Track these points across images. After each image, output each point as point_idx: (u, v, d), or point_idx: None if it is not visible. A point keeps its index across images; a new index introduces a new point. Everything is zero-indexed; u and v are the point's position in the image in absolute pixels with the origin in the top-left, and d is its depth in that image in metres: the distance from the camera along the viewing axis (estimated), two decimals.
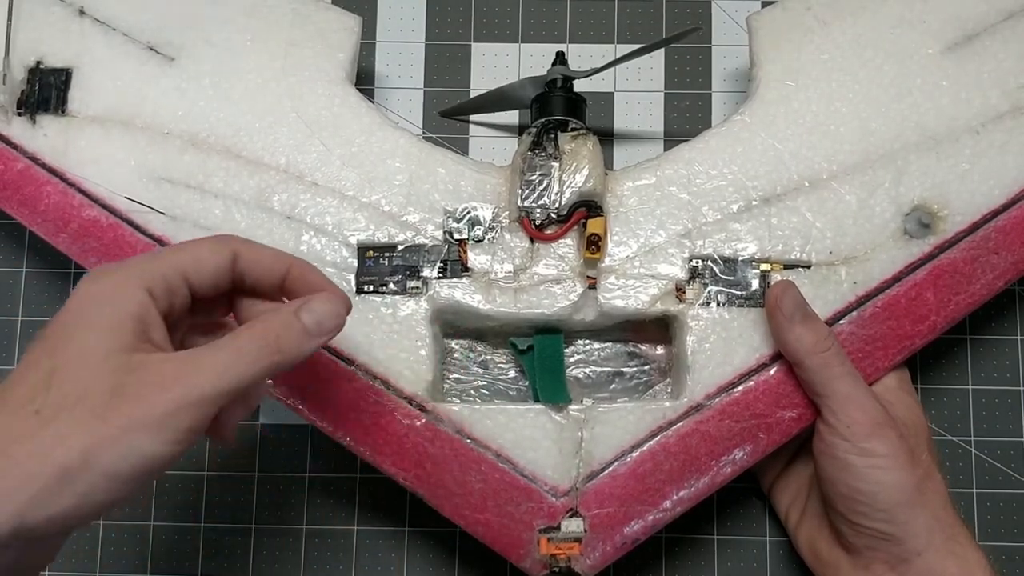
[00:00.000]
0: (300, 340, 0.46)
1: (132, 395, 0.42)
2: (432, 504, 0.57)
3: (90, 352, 0.42)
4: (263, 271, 0.48)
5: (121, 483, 0.41)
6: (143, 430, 0.41)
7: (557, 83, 0.61)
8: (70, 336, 0.43)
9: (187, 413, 0.42)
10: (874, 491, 0.53)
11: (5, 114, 0.61)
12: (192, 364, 0.43)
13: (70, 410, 0.41)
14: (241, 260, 0.48)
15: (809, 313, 0.55)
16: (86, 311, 0.44)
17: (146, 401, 0.42)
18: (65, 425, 0.41)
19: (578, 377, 0.61)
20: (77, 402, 0.41)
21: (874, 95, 0.59)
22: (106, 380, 0.42)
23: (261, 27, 0.62)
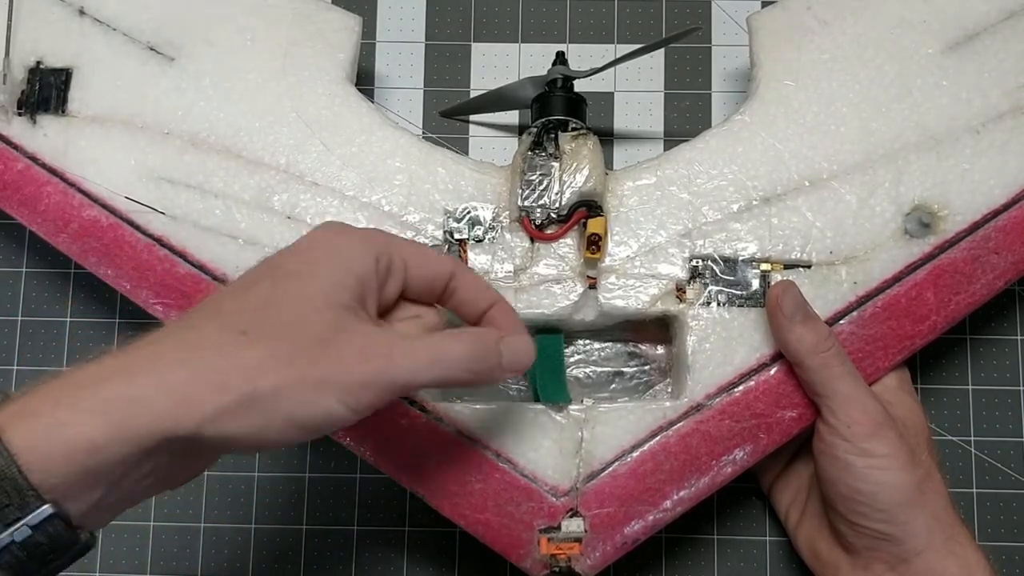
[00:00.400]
0: (494, 369, 0.47)
1: (335, 353, 0.43)
2: (432, 504, 0.57)
3: (309, 297, 0.44)
4: (470, 296, 0.49)
5: (296, 429, 0.42)
6: (334, 389, 0.42)
7: (557, 83, 0.61)
8: (293, 274, 0.44)
9: (375, 391, 0.43)
10: (874, 491, 0.53)
11: (5, 114, 0.61)
12: (396, 347, 0.44)
13: (275, 343, 0.42)
14: (456, 279, 0.49)
15: (810, 313, 0.55)
16: (315, 255, 0.45)
17: (346, 364, 0.43)
18: (268, 355, 0.42)
19: (578, 377, 0.61)
20: (284, 339, 0.42)
21: (874, 95, 0.60)
22: (316, 329, 0.43)
23: (261, 27, 0.62)
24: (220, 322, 0.43)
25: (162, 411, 0.40)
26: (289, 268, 0.45)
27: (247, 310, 0.43)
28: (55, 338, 0.68)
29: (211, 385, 0.41)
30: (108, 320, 0.68)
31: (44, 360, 0.67)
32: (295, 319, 0.43)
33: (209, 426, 0.40)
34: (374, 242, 0.46)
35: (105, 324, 0.68)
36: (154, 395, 0.40)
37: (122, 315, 0.68)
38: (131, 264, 0.59)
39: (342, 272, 0.45)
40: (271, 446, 0.43)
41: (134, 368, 0.41)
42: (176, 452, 0.41)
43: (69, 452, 0.39)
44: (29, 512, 0.39)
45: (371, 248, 0.46)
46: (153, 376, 0.40)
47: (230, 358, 0.41)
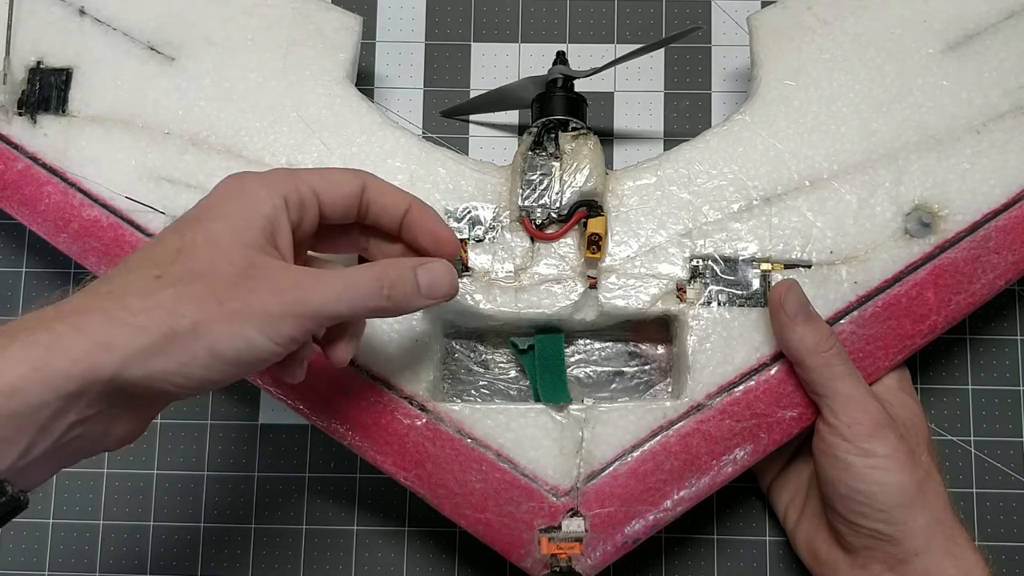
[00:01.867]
0: (412, 296, 0.49)
1: (249, 287, 0.43)
2: (433, 504, 0.57)
3: (218, 239, 0.44)
4: (386, 204, 0.50)
5: (220, 363, 0.43)
6: (252, 320, 0.43)
7: (558, 83, 0.61)
8: (201, 223, 0.45)
9: (293, 321, 0.44)
10: (874, 492, 0.53)
11: (6, 114, 0.61)
12: (309, 279, 0.45)
13: (189, 283, 0.43)
14: (368, 191, 0.50)
15: (812, 313, 0.55)
16: (220, 204, 0.46)
17: (261, 297, 0.43)
18: (183, 294, 0.42)
19: (579, 377, 0.61)
20: (197, 278, 0.43)
21: (875, 94, 0.60)
22: (228, 267, 0.44)
23: (261, 27, 0.62)
24: (133, 273, 0.44)
25: (80, 353, 0.40)
26: (194, 220, 0.46)
27: (159, 258, 0.44)
28: None
29: (129, 327, 0.41)
30: None
31: None
32: (207, 261, 0.44)
33: (132, 367, 0.41)
34: (278, 183, 0.47)
35: None
36: (71, 339, 0.40)
37: None
38: None
39: (249, 214, 0.45)
40: (200, 385, 0.43)
41: (51, 318, 0.41)
42: (104, 398, 0.42)
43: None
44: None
45: (276, 189, 0.47)
46: (70, 322, 0.41)
47: (146, 300, 0.42)
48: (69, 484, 0.66)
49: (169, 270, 0.43)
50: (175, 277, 0.43)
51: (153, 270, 0.43)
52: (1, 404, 0.39)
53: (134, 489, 0.66)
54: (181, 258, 0.44)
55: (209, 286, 0.43)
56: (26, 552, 0.66)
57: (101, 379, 0.41)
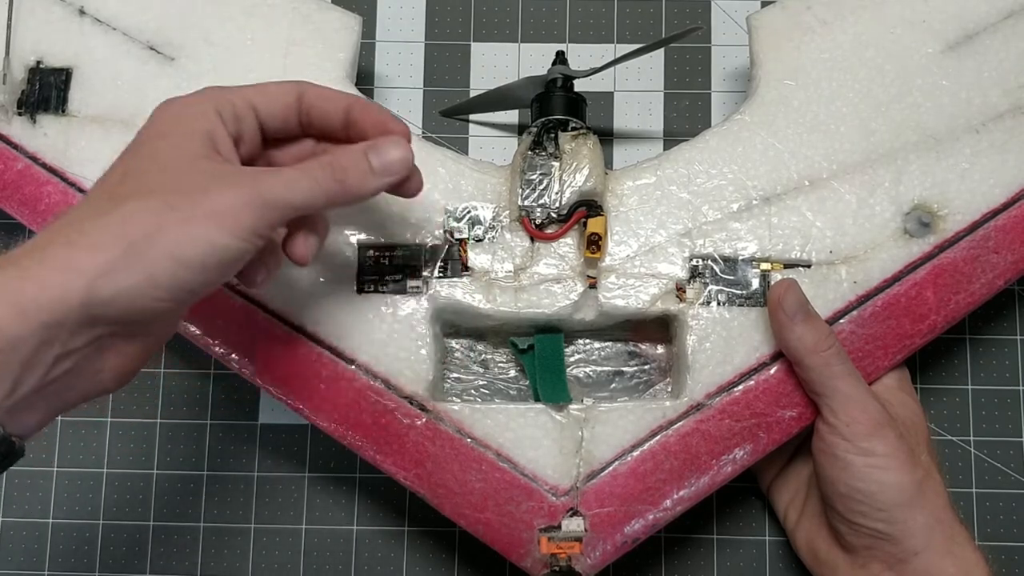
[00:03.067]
0: (365, 177, 0.48)
1: (201, 189, 0.44)
2: (433, 504, 0.57)
3: (162, 155, 0.45)
4: (326, 109, 0.50)
5: (185, 268, 0.43)
6: (210, 218, 0.43)
7: (557, 82, 0.61)
8: (143, 145, 0.46)
9: (253, 212, 0.44)
10: (873, 491, 0.53)
11: (5, 114, 0.61)
12: (260, 173, 0.46)
13: (141, 197, 0.43)
14: (306, 97, 0.50)
15: (811, 312, 0.55)
16: (158, 126, 0.47)
17: (214, 195, 0.44)
18: (135, 206, 0.43)
19: (578, 376, 0.61)
20: (148, 192, 0.44)
21: (874, 94, 0.60)
22: (177, 176, 0.44)
23: (261, 26, 0.62)
24: (86, 203, 0.45)
25: (47, 281, 0.41)
26: (138, 142, 0.47)
27: (108, 184, 0.45)
28: None
29: (88, 247, 0.42)
30: None
31: None
32: (154, 175, 0.45)
33: (100, 287, 0.41)
34: (210, 97, 0.48)
35: None
36: (37, 269, 0.41)
37: None
38: None
39: (187, 129, 0.46)
40: (176, 295, 0.44)
41: (17, 256, 0.42)
42: (85, 326, 0.42)
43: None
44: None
45: (208, 103, 0.47)
46: (34, 256, 0.42)
47: (100, 219, 0.42)
48: (69, 484, 0.66)
49: (118, 190, 0.44)
50: (124, 195, 0.44)
51: (103, 195, 0.44)
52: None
53: (134, 489, 0.66)
54: (128, 179, 0.45)
55: (160, 196, 0.43)
56: (26, 552, 0.66)
57: (73, 303, 0.41)
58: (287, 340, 0.58)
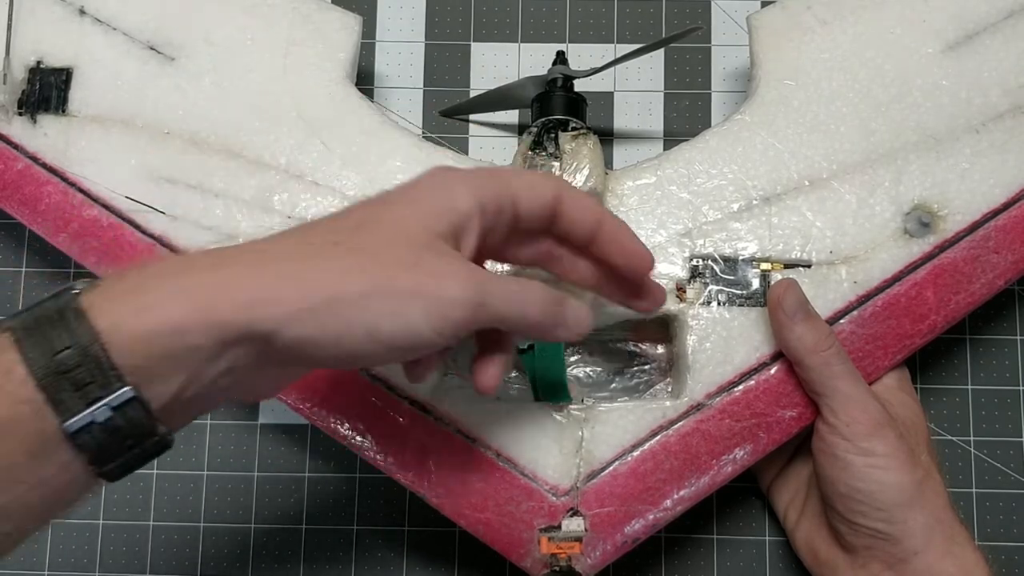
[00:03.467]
0: (580, 324, 0.48)
1: (425, 268, 0.42)
2: (433, 504, 0.57)
3: (404, 221, 0.44)
4: (577, 217, 0.48)
5: (374, 342, 0.42)
6: (421, 301, 0.42)
7: (557, 82, 0.61)
8: (391, 204, 0.45)
9: (461, 309, 0.42)
10: (873, 491, 0.53)
11: (6, 113, 0.61)
12: (487, 274, 0.45)
13: (364, 254, 0.42)
14: (564, 201, 0.48)
15: (811, 312, 0.55)
16: (414, 192, 0.45)
17: (437, 279, 0.42)
18: (357, 263, 0.42)
19: (578, 376, 0.61)
20: (373, 251, 0.42)
21: (874, 94, 0.60)
22: (407, 247, 0.43)
23: (261, 26, 0.62)
24: (308, 237, 0.43)
25: (244, 302, 0.40)
26: (389, 198, 0.45)
27: (340, 228, 0.44)
28: None
29: (295, 284, 0.41)
30: None
31: None
32: (388, 237, 0.43)
33: (290, 327, 0.40)
34: (483, 184, 0.46)
35: None
36: (239, 286, 0.40)
37: None
38: (131, 264, 0.59)
39: (442, 206, 0.44)
40: (348, 359, 0.43)
41: (220, 263, 0.41)
42: (256, 353, 0.41)
43: (152, 333, 0.39)
44: (111, 393, 0.38)
45: (474, 191, 0.45)
46: (239, 269, 0.41)
47: (317, 261, 0.41)
48: None
49: (347, 238, 0.43)
50: (352, 246, 0.42)
51: (331, 236, 0.43)
52: (163, 343, 0.39)
53: (134, 489, 0.66)
54: (362, 231, 0.43)
55: (383, 259, 0.42)
56: (26, 552, 0.66)
57: (259, 333, 0.40)
58: None
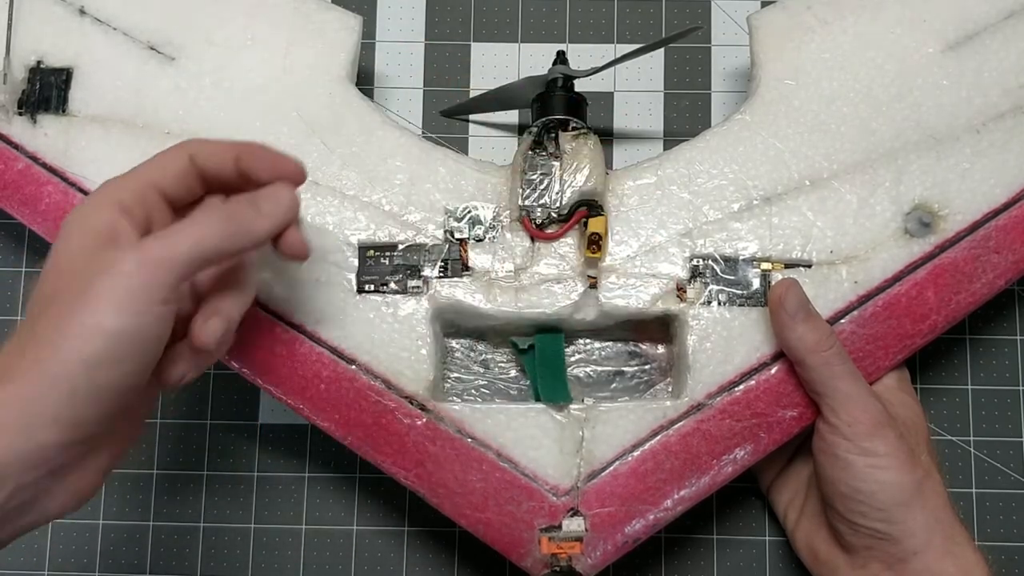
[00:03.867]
0: (253, 222, 0.47)
1: (89, 280, 0.43)
2: (433, 503, 0.57)
3: (62, 261, 0.45)
4: (215, 161, 0.49)
5: (95, 367, 0.42)
6: (98, 302, 0.42)
7: (558, 82, 0.61)
8: (50, 258, 0.45)
9: (141, 278, 0.43)
10: (873, 491, 0.53)
11: (6, 113, 0.61)
12: (145, 239, 0.44)
13: (42, 311, 0.44)
14: (197, 157, 0.48)
15: (811, 312, 0.55)
16: (62, 236, 0.46)
17: (99, 278, 0.43)
18: (40, 323, 0.43)
19: (579, 376, 0.61)
20: (47, 303, 0.44)
21: (875, 94, 0.60)
22: (71, 278, 0.43)
23: (262, 26, 0.62)
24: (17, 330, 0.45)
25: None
26: (49, 257, 0.46)
27: (30, 307, 0.45)
28: None
29: (14, 385, 0.42)
30: None
31: None
32: (55, 281, 0.44)
33: (33, 424, 0.42)
34: (107, 191, 0.46)
35: None
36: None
37: None
38: None
39: (86, 229, 0.45)
40: (102, 405, 0.43)
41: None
42: (34, 468, 0.42)
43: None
44: None
45: (104, 197, 0.46)
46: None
47: (17, 350, 0.43)
48: None
49: (32, 311, 0.45)
50: (35, 315, 0.44)
51: (26, 321, 0.45)
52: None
53: (134, 489, 0.66)
54: (38, 297, 0.45)
55: (56, 303, 0.43)
56: (26, 552, 0.66)
57: (21, 447, 0.41)
58: (287, 340, 0.58)
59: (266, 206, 0.48)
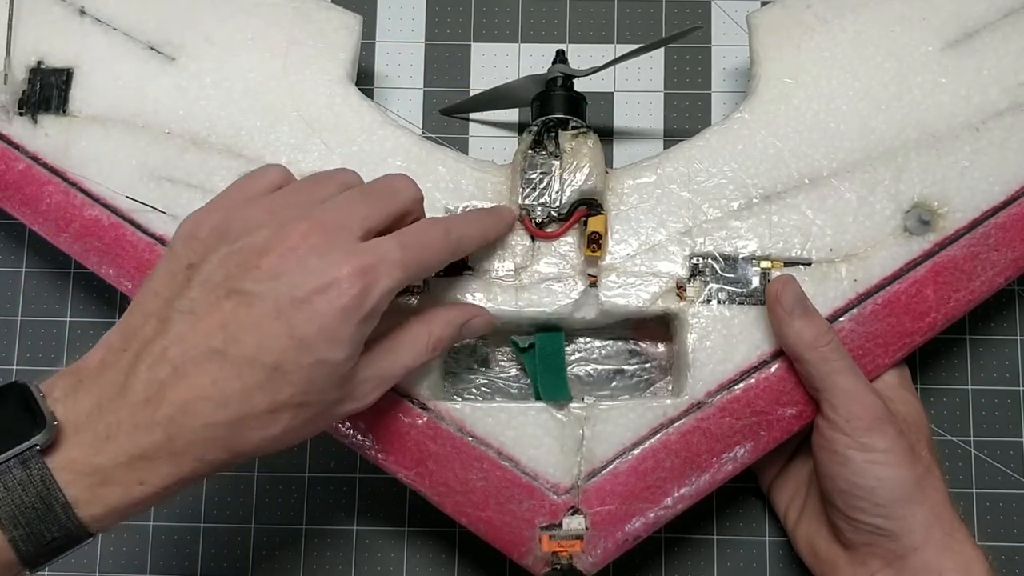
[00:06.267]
0: (454, 341, 0.55)
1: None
2: (434, 502, 0.57)
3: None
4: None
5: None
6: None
7: (557, 81, 0.61)
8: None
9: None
10: (873, 486, 0.53)
11: (7, 114, 0.61)
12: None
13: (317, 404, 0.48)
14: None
15: (809, 308, 0.55)
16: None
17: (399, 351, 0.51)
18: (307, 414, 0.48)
19: (579, 375, 0.61)
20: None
21: (874, 92, 0.60)
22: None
23: (262, 26, 0.62)
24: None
25: (214, 460, 0.46)
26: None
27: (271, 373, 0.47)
28: (55, 338, 0.68)
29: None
30: (108, 320, 0.68)
31: (44, 360, 0.67)
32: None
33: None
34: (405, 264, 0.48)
35: (105, 324, 0.68)
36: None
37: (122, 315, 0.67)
38: (133, 263, 0.59)
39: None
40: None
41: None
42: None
43: (129, 508, 0.45)
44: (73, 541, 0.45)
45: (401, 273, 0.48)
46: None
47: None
48: None
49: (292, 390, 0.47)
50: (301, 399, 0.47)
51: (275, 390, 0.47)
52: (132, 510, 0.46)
53: None
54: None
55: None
56: None
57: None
58: None
59: (468, 333, 0.56)
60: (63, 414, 0.44)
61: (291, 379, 0.45)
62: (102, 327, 0.68)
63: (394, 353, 0.51)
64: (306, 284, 0.45)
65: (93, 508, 0.44)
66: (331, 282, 0.45)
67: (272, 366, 0.44)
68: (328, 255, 0.45)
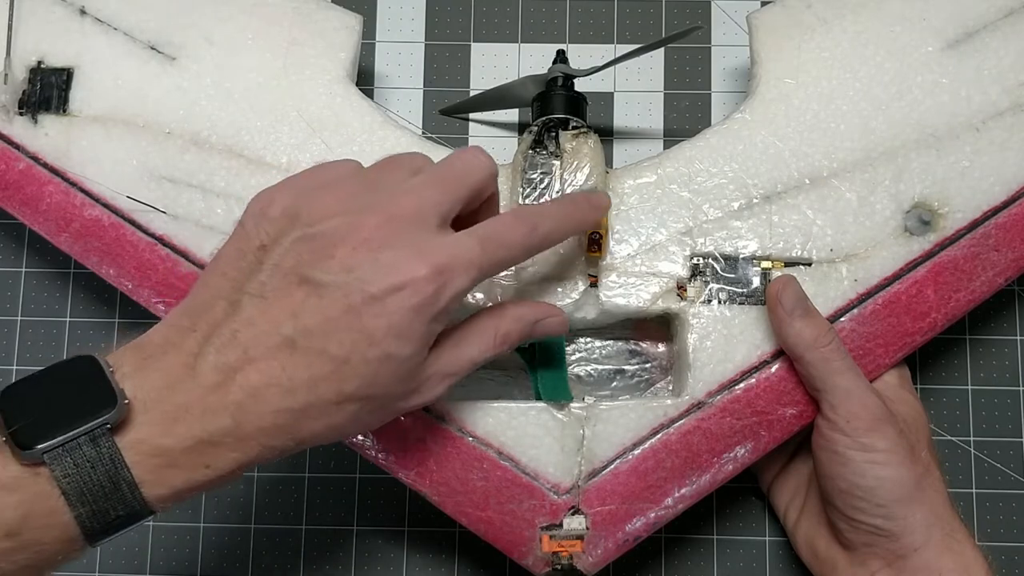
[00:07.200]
0: (523, 338, 0.53)
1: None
2: (434, 502, 0.57)
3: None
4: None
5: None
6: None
7: (558, 81, 0.61)
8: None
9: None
10: (873, 486, 0.53)
11: (7, 114, 0.61)
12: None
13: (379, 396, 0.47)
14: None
15: (809, 308, 0.55)
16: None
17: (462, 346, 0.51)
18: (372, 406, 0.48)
19: (579, 375, 0.61)
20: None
21: (874, 92, 0.60)
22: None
23: (262, 26, 0.62)
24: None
25: (278, 447, 0.46)
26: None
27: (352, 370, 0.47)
28: (55, 338, 0.68)
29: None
30: (108, 320, 0.68)
31: (44, 360, 0.67)
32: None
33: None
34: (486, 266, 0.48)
35: (105, 324, 0.68)
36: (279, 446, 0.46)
37: (122, 315, 0.68)
38: (133, 263, 0.59)
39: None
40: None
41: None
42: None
43: (189, 491, 0.45)
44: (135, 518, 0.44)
45: (480, 273, 0.48)
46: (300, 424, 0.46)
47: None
48: None
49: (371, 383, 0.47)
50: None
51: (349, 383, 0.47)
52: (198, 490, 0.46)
53: None
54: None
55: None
56: None
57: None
58: None
59: (542, 332, 0.55)
60: (132, 391, 0.43)
61: (358, 372, 0.45)
62: (102, 327, 0.68)
63: (460, 347, 0.50)
64: (379, 281, 0.44)
65: (158, 489, 0.44)
66: (406, 282, 0.45)
67: (341, 359, 0.44)
68: (402, 250, 0.45)
